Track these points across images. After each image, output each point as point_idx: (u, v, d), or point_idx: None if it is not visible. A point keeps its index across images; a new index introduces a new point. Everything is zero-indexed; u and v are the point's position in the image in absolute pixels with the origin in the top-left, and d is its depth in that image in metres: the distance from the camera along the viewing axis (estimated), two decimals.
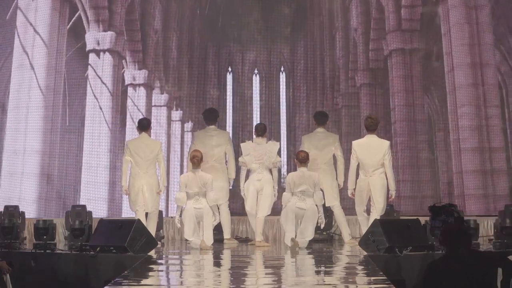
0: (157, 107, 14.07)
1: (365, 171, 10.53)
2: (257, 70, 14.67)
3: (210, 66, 14.47)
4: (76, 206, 11.51)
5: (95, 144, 13.67)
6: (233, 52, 14.63)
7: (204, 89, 14.18)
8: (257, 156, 10.95)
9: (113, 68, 13.83)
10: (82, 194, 13.43)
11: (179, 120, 14.10)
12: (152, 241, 9.80)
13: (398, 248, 9.00)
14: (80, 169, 13.61)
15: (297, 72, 14.53)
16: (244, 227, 12.06)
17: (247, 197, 10.98)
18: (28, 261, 9.29)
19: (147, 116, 13.41)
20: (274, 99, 14.46)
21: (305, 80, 14.44)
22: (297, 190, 10.51)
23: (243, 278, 8.11)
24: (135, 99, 13.96)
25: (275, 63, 14.63)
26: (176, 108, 14.12)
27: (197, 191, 10.49)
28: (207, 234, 10.45)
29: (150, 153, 10.90)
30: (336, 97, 14.16)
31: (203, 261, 9.53)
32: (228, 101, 14.41)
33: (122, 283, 7.41)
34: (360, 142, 10.71)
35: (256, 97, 14.54)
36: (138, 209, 10.84)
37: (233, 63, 14.66)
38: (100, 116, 13.68)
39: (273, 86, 14.53)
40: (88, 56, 13.89)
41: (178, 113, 14.13)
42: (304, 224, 10.46)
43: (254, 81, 14.67)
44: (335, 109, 13.95)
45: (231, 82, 14.65)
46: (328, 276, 8.30)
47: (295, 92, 14.46)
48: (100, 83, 13.79)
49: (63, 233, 11.40)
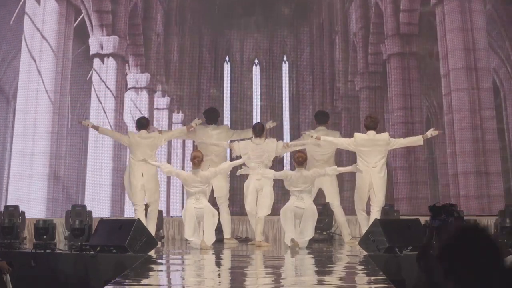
0: (159, 110, 13.90)
1: (366, 162, 10.52)
2: (257, 60, 14.21)
3: (205, 54, 14.03)
4: (76, 206, 11.44)
5: (99, 147, 13.51)
6: (231, 39, 14.19)
7: (198, 79, 13.74)
8: (256, 156, 10.82)
9: (116, 72, 13.70)
10: (86, 195, 13.33)
11: (180, 123, 13.83)
12: (152, 241, 9.70)
13: (398, 248, 8.92)
14: (84, 170, 13.51)
15: (301, 61, 14.01)
16: (244, 227, 11.95)
17: (247, 197, 10.85)
18: (28, 261, 9.18)
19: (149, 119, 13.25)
20: (276, 92, 13.90)
21: (311, 70, 13.95)
22: (295, 189, 10.40)
23: (243, 278, 8.05)
24: (137, 102, 13.78)
25: (277, 52, 14.14)
26: (177, 111, 13.91)
27: (198, 190, 10.37)
28: (208, 234, 10.33)
29: (150, 152, 10.92)
30: (336, 100, 13.94)
31: (203, 261, 9.47)
32: (225, 93, 13.90)
33: (122, 283, 7.37)
34: (362, 135, 10.74)
35: (256, 90, 13.95)
36: (137, 208, 10.80)
37: (231, 52, 14.22)
38: (104, 119, 13.48)
39: (275, 77, 13.98)
40: (90, 59, 13.77)
41: (179, 116, 13.90)
42: (303, 224, 10.35)
43: (254, 72, 14.13)
44: (335, 112, 13.73)
45: (228, 72, 14.16)
46: (328, 276, 8.22)
47: (299, 83, 13.93)
48: (104, 87, 13.68)
49: (63, 233, 11.29)
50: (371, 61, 13.77)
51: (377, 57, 13.69)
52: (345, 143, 10.79)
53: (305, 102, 13.86)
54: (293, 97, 13.99)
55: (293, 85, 14.00)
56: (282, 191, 11.06)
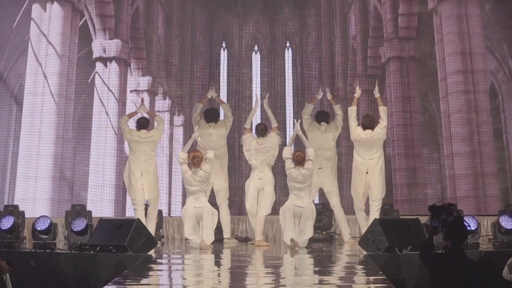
0: (160, 113, 13.43)
1: (363, 153, 10.61)
2: (257, 47, 13.46)
3: (199, 39, 13.31)
4: (76, 206, 11.31)
5: (101, 148, 13.43)
6: (228, 23, 13.46)
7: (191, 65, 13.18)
8: (258, 154, 10.71)
9: (119, 75, 13.63)
10: (89, 196, 13.23)
11: (181, 125, 13.63)
12: (152, 240, 9.62)
13: (398, 247, 8.89)
14: (88, 172, 13.42)
15: (307, 46, 13.30)
16: (244, 227, 11.86)
17: (248, 196, 10.74)
18: (28, 260, 9.15)
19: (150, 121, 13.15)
20: (278, 82, 13.10)
21: (318, 56, 13.20)
22: (295, 184, 10.30)
23: (243, 277, 7.97)
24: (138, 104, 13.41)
25: (279, 38, 13.40)
26: (178, 114, 13.71)
27: (198, 189, 10.31)
28: (207, 233, 10.25)
29: (150, 151, 10.88)
30: None
31: (203, 261, 9.36)
32: (221, 84, 13.28)
33: (122, 282, 7.31)
34: (361, 132, 10.74)
35: (255, 80, 13.15)
36: (137, 208, 10.72)
37: (228, 37, 13.48)
38: (107, 121, 13.46)
39: (277, 66, 13.18)
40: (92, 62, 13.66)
41: (181, 118, 13.70)
42: (303, 223, 10.28)
43: (253, 60, 13.32)
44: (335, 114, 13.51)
45: (225, 60, 13.48)
46: (327, 275, 8.12)
47: (304, 71, 13.24)
48: (106, 90, 13.62)
49: (63, 233, 11.17)
50: (370, 64, 13.61)
51: (376, 61, 13.55)
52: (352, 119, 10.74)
53: (311, 92, 13.02)
54: (297, 87, 13.31)
55: (297, 73, 13.29)
56: (282, 191, 10.96)
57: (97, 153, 13.37)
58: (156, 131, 11.00)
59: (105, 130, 13.46)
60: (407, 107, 13.33)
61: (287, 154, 10.39)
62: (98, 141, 13.41)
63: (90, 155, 13.35)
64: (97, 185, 13.27)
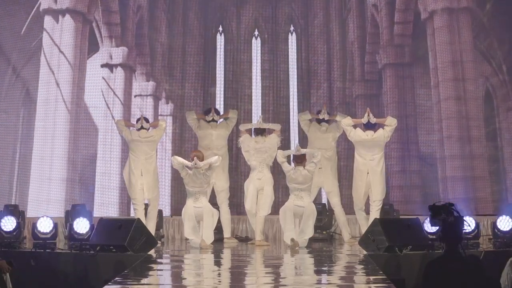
0: (163, 116, 13.25)
1: (364, 154, 10.41)
2: (258, 31, 12.35)
3: (193, 21, 12.18)
4: (76, 205, 10.97)
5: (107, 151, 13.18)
6: (225, 4, 12.32)
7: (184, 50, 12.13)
8: (257, 154, 10.39)
9: (124, 81, 13.42)
10: (96, 199, 13.00)
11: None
12: (152, 240, 9.38)
13: (398, 247, 8.71)
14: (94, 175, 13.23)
15: (313, 29, 12.17)
16: (244, 226, 11.54)
17: (247, 196, 10.44)
18: (28, 260, 8.85)
19: None
20: (281, 69, 11.81)
21: (326, 39, 12.04)
22: (295, 185, 10.05)
23: (243, 277, 7.81)
24: (143, 108, 13.34)
25: (282, 21, 12.15)
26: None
27: (198, 190, 10.05)
28: (207, 233, 9.99)
29: (150, 151, 10.65)
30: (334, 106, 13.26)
31: (203, 261, 9.16)
32: (218, 71, 12.25)
33: (122, 282, 7.18)
34: (361, 133, 10.55)
35: (256, 67, 11.99)
36: (137, 208, 10.48)
37: (225, 21, 12.43)
38: (112, 125, 13.13)
39: (279, 51, 11.94)
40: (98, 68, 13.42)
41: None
42: (303, 222, 10.04)
43: (253, 46, 12.18)
44: None
45: (222, 46, 12.40)
46: (328, 275, 7.98)
47: (311, 57, 12.06)
48: (112, 94, 13.40)
49: (63, 232, 10.80)
50: (367, 70, 13.36)
51: (373, 66, 13.29)
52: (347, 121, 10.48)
53: (317, 79, 12.03)
54: (302, 74, 12.19)
55: (302, 59, 12.09)
56: (282, 191, 10.71)
57: (103, 156, 13.11)
58: (156, 131, 10.73)
59: (110, 133, 13.21)
60: (403, 111, 13.10)
61: (281, 157, 10.13)
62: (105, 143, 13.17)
63: (97, 157, 13.13)
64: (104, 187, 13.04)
